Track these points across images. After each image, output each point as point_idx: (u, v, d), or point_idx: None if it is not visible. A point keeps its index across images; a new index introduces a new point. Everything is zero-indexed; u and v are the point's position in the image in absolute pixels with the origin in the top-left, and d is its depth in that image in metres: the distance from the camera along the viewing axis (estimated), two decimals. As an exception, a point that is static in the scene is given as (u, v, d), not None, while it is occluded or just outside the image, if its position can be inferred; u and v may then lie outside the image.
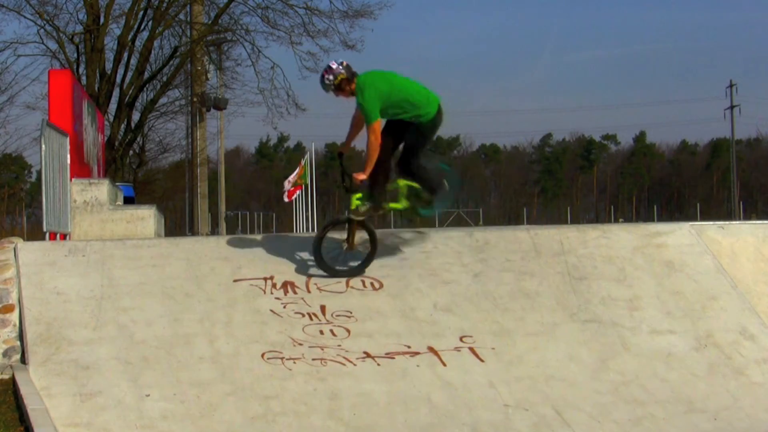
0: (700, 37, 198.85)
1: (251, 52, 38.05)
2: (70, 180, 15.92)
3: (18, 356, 10.21)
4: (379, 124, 11.10)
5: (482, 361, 10.34)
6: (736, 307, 11.43)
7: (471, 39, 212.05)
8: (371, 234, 11.46)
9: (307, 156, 39.73)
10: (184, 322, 10.46)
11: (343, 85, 11.13)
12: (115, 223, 16.95)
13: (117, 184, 23.19)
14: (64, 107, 17.05)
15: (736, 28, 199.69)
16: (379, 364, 10.14)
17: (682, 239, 12.28)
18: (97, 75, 34.00)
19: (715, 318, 11.26)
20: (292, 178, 39.61)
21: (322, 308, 10.86)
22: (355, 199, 11.35)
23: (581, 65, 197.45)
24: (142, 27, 35.68)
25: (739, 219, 67.80)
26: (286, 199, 40.69)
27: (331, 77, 11.08)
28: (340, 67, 11.11)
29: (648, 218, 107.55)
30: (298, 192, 39.76)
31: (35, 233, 30.84)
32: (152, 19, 35.58)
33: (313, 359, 10.11)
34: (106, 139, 29.01)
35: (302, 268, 11.46)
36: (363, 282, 11.32)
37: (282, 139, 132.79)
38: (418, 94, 11.23)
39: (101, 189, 17.01)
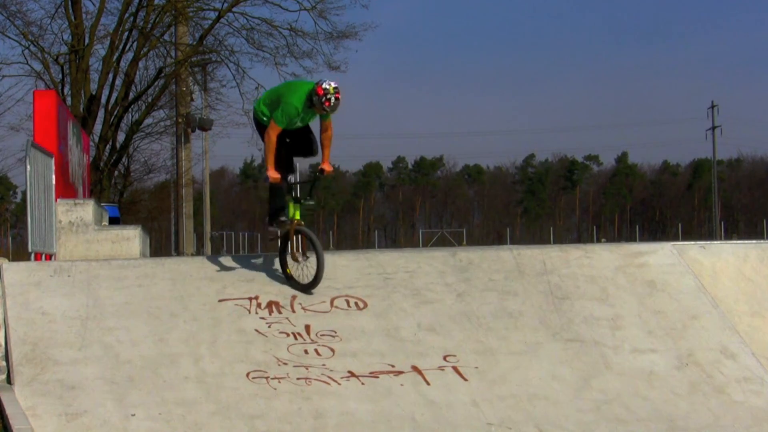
0: (681, 57, 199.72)
1: (236, 73, 38.12)
2: (56, 200, 15.96)
3: (3, 376, 10.21)
4: None
5: (466, 379, 10.41)
6: (717, 327, 11.52)
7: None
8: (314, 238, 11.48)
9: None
10: (170, 341, 10.50)
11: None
12: (101, 244, 16.98)
13: (102, 204, 23.22)
14: (49, 128, 17.09)
15: (717, 49, 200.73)
16: (363, 384, 10.19)
17: (664, 259, 12.38)
18: (82, 96, 34.02)
19: (696, 337, 11.36)
20: None
21: (307, 328, 10.91)
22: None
23: (563, 85, 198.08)
24: (127, 48, 35.77)
25: (721, 239, 68.01)
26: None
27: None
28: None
29: (630, 238, 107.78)
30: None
31: (20, 253, 30.86)
32: (137, 40, 35.65)
33: (298, 378, 10.15)
34: (91, 159, 29.02)
35: (287, 288, 11.51)
36: (347, 302, 11.38)
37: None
38: None
39: (86, 209, 17.04)
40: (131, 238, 17.38)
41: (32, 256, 14.12)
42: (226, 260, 12.20)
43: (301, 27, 38.06)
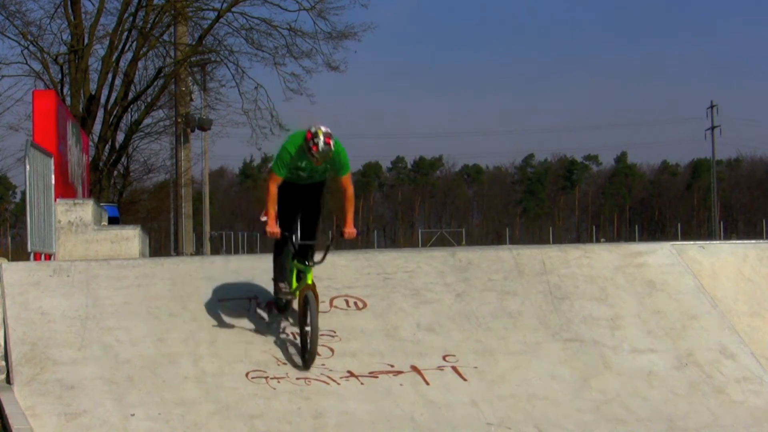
0: (681, 57, 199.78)
1: (235, 72, 38.21)
2: (55, 200, 15.97)
3: (3, 376, 10.21)
4: None
5: (465, 379, 10.41)
6: (717, 327, 11.53)
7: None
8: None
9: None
10: (169, 341, 10.50)
11: None
12: (100, 244, 16.99)
13: (101, 204, 23.22)
14: (48, 128, 17.11)
15: (717, 49, 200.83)
16: (362, 383, 10.20)
17: (663, 259, 12.38)
18: (82, 95, 34.03)
19: (695, 337, 11.36)
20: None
21: (306, 328, 10.90)
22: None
23: (562, 84, 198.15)
24: (127, 48, 35.82)
25: (720, 239, 68.07)
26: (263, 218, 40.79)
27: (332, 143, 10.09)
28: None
29: (629, 238, 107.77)
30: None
31: (20, 253, 30.82)
32: (136, 40, 35.67)
33: (297, 378, 10.16)
34: (90, 159, 29.02)
35: (286, 288, 11.51)
36: (347, 301, 11.38)
37: (266, 159, 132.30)
38: None
39: (86, 209, 17.05)
40: (130, 238, 17.40)
41: (31, 255, 14.13)
42: (226, 260, 12.21)
43: (301, 27, 38.05)
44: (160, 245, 69.16)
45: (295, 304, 10.69)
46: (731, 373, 10.91)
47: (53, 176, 15.59)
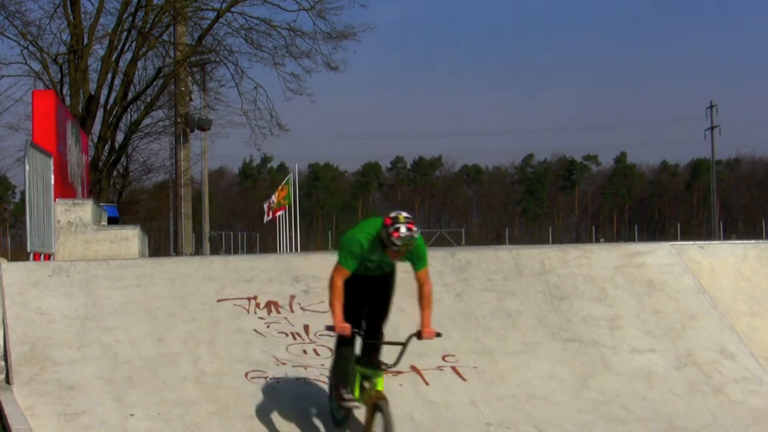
0: (680, 57, 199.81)
1: (235, 73, 38.24)
2: (54, 200, 15.96)
3: (2, 376, 10.21)
4: None
5: (464, 379, 10.42)
6: (716, 327, 11.54)
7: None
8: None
9: (289, 177, 39.81)
10: (168, 341, 10.51)
11: None
12: (99, 244, 16.98)
13: (101, 204, 23.20)
14: (47, 128, 17.09)
15: (716, 49, 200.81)
16: (362, 383, 10.18)
17: (663, 259, 12.39)
18: (81, 96, 34.02)
19: (695, 337, 11.37)
20: (274, 199, 39.76)
21: (306, 328, 10.92)
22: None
23: (562, 84, 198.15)
24: (126, 48, 35.77)
25: (719, 239, 68.02)
26: (266, 218, 40.91)
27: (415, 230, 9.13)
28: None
29: (629, 238, 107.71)
30: (280, 213, 39.84)
31: (19, 253, 30.79)
32: (136, 40, 35.65)
33: (297, 378, 10.16)
34: (90, 159, 29.02)
35: (285, 288, 11.51)
36: (346, 302, 11.36)
37: (265, 159, 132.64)
38: None
39: (85, 209, 17.04)
40: (130, 238, 17.38)
41: (31, 255, 14.12)
42: (225, 260, 12.21)
43: (300, 27, 38.08)
44: (160, 245, 69.19)
45: (359, 415, 9.47)
46: (730, 373, 10.91)
47: (53, 176, 15.58)
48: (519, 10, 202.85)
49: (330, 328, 9.09)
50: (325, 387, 9.96)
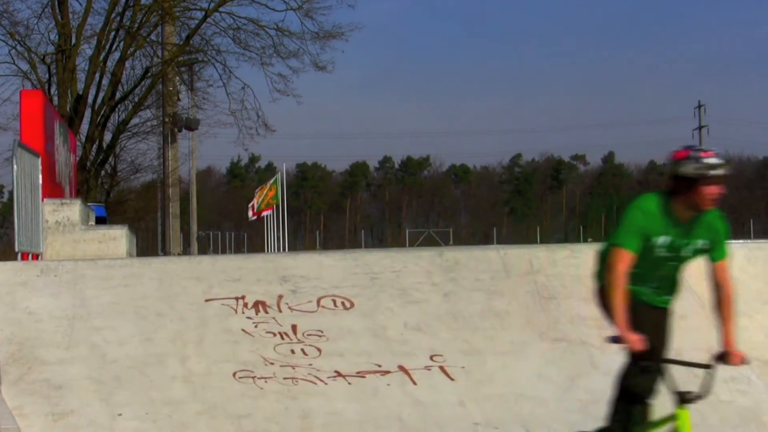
0: (668, 57, 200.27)
1: (222, 72, 38.24)
2: (42, 200, 15.93)
3: (-10, 376, 10.21)
4: None
5: (452, 379, 10.42)
6: (705, 326, 11.51)
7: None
8: None
9: (277, 176, 39.82)
10: (156, 341, 10.50)
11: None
12: (87, 243, 16.95)
13: (89, 204, 23.17)
14: (35, 128, 17.05)
15: (704, 49, 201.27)
16: (350, 383, 10.20)
17: (650, 259, 12.39)
18: (69, 95, 33.97)
19: (683, 337, 11.34)
20: (255, 201, 39.87)
21: (294, 327, 10.91)
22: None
23: (550, 84, 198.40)
24: (114, 47, 35.73)
25: (708, 239, 67.95)
26: (251, 217, 40.98)
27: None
28: None
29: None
30: (268, 212, 39.84)
31: (7, 253, 30.75)
32: (124, 40, 35.62)
33: (285, 378, 10.16)
34: (78, 159, 28.97)
35: (273, 288, 11.51)
36: (334, 301, 11.38)
37: (253, 159, 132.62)
38: None
39: (73, 209, 17.01)
40: (118, 237, 17.35)
41: (19, 255, 14.10)
42: (213, 260, 12.20)
43: (288, 27, 38.08)
44: (148, 245, 69.16)
45: None
46: (719, 373, 10.90)
47: (41, 176, 15.56)
48: (507, 11, 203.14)
49: (615, 339, 6.71)
50: (313, 386, 9.99)
